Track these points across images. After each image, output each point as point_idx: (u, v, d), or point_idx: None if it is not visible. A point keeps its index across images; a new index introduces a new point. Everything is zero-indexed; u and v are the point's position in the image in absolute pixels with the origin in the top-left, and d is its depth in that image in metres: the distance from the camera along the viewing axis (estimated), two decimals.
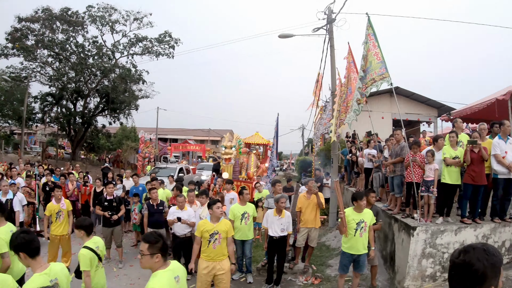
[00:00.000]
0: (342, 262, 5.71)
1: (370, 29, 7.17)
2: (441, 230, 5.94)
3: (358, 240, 5.48)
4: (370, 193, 6.34)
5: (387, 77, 6.74)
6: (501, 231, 6.41)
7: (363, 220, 5.49)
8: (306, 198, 7.18)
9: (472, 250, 1.32)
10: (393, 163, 7.14)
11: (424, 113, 21.02)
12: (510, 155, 6.30)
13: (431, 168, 6.33)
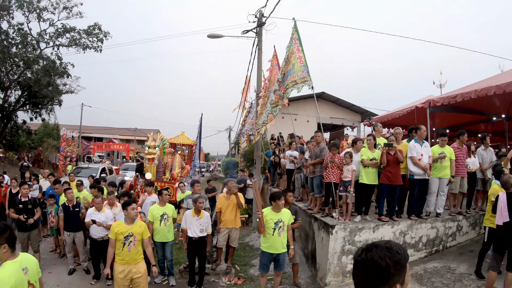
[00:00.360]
0: (262, 262, 5.75)
1: (296, 33, 7.33)
2: (359, 227, 6.19)
3: (276, 240, 5.53)
4: (287, 192, 6.45)
5: (309, 80, 6.91)
6: (417, 227, 6.84)
7: (281, 219, 5.55)
8: (226, 199, 7.21)
9: (374, 248, 1.32)
10: (313, 164, 7.39)
11: (348, 118, 22.07)
12: (425, 158, 6.76)
13: (349, 169, 6.62)
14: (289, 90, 7.21)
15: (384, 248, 1.30)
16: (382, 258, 1.27)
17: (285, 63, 7.50)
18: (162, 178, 12.71)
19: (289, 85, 7.19)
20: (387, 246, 1.32)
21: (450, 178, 7.01)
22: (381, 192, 6.67)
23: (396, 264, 1.27)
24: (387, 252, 1.29)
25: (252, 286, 6.69)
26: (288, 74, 7.29)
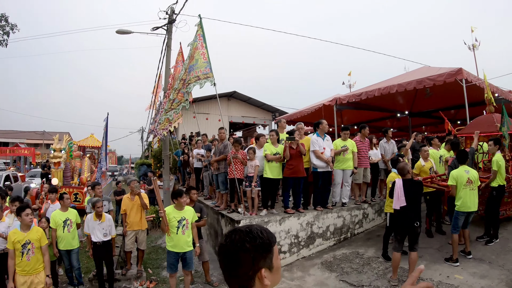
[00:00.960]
0: (169, 262, 5.76)
1: (200, 29, 7.53)
2: (265, 221, 6.41)
3: (181, 238, 5.59)
4: (191, 190, 6.53)
5: (211, 77, 7.10)
6: (324, 217, 7.24)
7: (184, 217, 5.62)
8: (130, 200, 7.11)
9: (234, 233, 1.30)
10: (217, 161, 7.55)
11: (259, 117, 22.75)
12: (327, 151, 7.17)
13: (252, 165, 6.86)
14: (191, 85, 7.28)
15: (244, 233, 1.28)
16: (241, 243, 1.25)
17: (188, 59, 7.62)
18: (70, 183, 12.16)
19: (192, 80, 7.27)
20: (247, 230, 1.30)
21: (353, 169, 7.50)
22: (285, 185, 6.96)
23: (257, 248, 1.25)
24: (247, 237, 1.26)
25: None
26: (191, 69, 7.37)
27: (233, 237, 1.27)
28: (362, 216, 8.03)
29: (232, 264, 1.25)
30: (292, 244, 6.75)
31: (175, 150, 13.34)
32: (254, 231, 1.28)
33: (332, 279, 5.83)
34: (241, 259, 1.23)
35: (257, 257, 1.24)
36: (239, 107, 22.14)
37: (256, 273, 1.24)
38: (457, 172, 5.99)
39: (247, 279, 1.24)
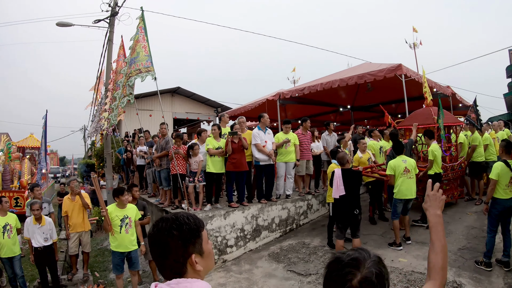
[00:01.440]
0: (114, 262, 5.71)
1: (142, 22, 7.52)
2: (210, 216, 6.51)
3: (125, 237, 5.56)
4: (132, 187, 6.52)
5: (152, 71, 7.08)
6: (268, 210, 7.46)
7: (127, 215, 5.60)
8: (71, 200, 6.96)
9: (161, 222, 1.33)
10: (159, 157, 7.56)
11: (204, 113, 22.70)
12: (269, 144, 7.38)
13: (196, 161, 6.94)
14: (132, 78, 7.22)
15: (170, 220, 1.32)
16: (168, 230, 1.28)
17: (130, 52, 7.58)
18: (9, 187, 11.69)
19: (133, 73, 7.21)
20: (173, 217, 1.33)
21: (296, 161, 7.77)
22: (228, 179, 7.12)
23: (185, 234, 1.28)
24: (173, 224, 1.30)
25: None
26: (132, 62, 7.33)
27: (160, 226, 1.30)
28: (307, 207, 8.34)
29: (162, 252, 1.27)
30: (238, 238, 6.89)
31: (118, 148, 13.11)
32: (180, 218, 1.32)
33: (280, 269, 5.99)
34: (170, 247, 1.26)
35: (186, 243, 1.27)
36: (183, 103, 22.01)
37: (187, 259, 1.28)
38: (394, 162, 6.40)
39: (179, 266, 1.28)
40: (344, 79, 9.82)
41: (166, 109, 19.75)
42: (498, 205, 5.10)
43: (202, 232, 1.34)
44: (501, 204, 5.08)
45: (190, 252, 1.28)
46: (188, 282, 1.25)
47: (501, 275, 4.95)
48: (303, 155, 8.11)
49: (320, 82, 10.23)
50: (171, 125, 19.77)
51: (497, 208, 5.12)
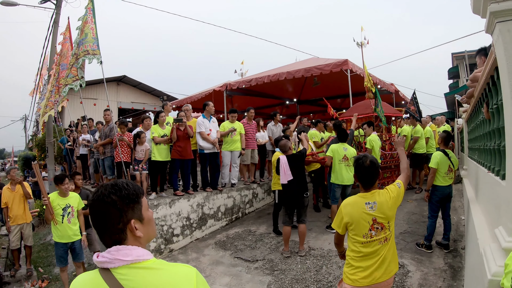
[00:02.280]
0: (58, 254, 5.59)
1: (91, 3, 7.42)
2: (155, 204, 6.59)
3: (67, 227, 5.49)
4: (75, 175, 6.44)
5: (98, 54, 7.03)
6: (214, 198, 7.67)
7: (69, 204, 5.55)
8: (11, 190, 6.75)
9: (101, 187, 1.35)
10: (103, 145, 7.55)
11: (150, 103, 22.70)
12: (214, 133, 7.59)
13: (143, 149, 7.02)
14: (80, 60, 7.12)
15: (109, 186, 1.34)
16: (107, 195, 1.30)
17: (79, 32, 7.45)
18: None
19: (81, 55, 7.12)
20: (112, 183, 1.36)
21: (241, 150, 8.07)
22: (173, 167, 7.24)
23: (123, 199, 1.31)
24: (112, 189, 1.32)
25: (58, 286, 6.45)
26: (81, 43, 7.23)
27: (99, 192, 1.32)
28: (252, 196, 8.67)
29: (101, 218, 1.29)
30: (185, 227, 7.02)
31: (60, 138, 12.73)
32: (119, 184, 1.35)
33: (227, 257, 6.19)
34: (109, 212, 1.28)
35: (125, 208, 1.30)
36: (129, 92, 21.80)
37: (126, 225, 1.30)
38: (336, 146, 6.80)
39: (118, 232, 1.29)
40: (291, 72, 10.14)
41: (111, 98, 19.43)
42: (438, 192, 5.57)
43: (141, 199, 1.38)
44: (441, 191, 5.56)
45: (129, 217, 1.31)
46: (128, 249, 1.27)
47: (441, 256, 5.41)
48: (248, 144, 8.40)
49: (267, 74, 10.52)
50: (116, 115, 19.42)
51: (437, 194, 5.59)
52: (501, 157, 2.99)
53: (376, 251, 2.88)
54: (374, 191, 2.95)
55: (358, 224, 2.91)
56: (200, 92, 12.05)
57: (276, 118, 9.42)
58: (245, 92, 12.22)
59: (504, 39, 2.18)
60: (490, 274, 2.10)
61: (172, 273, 1.28)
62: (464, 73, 22.31)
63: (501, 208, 2.55)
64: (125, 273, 1.23)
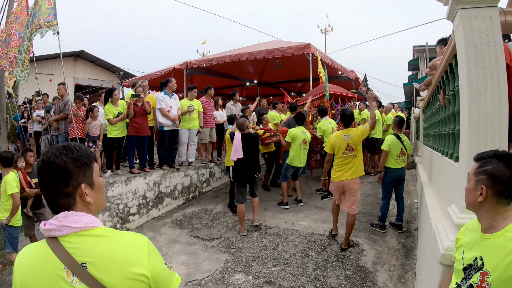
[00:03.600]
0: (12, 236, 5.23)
1: None
2: (110, 182, 6.41)
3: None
4: (27, 152, 6.11)
5: (55, 25, 6.56)
6: (171, 176, 7.59)
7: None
8: None
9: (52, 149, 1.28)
10: (57, 120, 7.24)
11: (108, 79, 22.15)
12: (174, 109, 7.47)
13: (97, 124, 6.80)
14: (32, 36, 6.71)
15: (60, 147, 1.28)
16: (57, 156, 1.24)
17: (34, 4, 6.95)
18: None
19: (33, 29, 6.68)
20: (64, 145, 1.30)
21: (199, 128, 8.02)
22: (130, 144, 7.08)
23: (74, 161, 1.25)
24: (63, 150, 1.26)
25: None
26: (34, 16, 6.75)
27: (50, 152, 1.26)
28: (209, 175, 8.67)
29: (50, 181, 1.23)
30: (141, 205, 6.91)
31: (14, 114, 12.10)
32: (71, 145, 1.30)
33: (184, 235, 6.20)
34: (59, 173, 1.23)
35: (75, 170, 1.25)
36: (86, 68, 21.00)
37: (76, 188, 1.25)
38: (295, 131, 6.97)
39: (67, 196, 1.25)
40: (253, 53, 10.14)
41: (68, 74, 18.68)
42: (390, 174, 5.81)
43: (93, 163, 1.33)
44: (393, 173, 5.79)
45: (80, 181, 1.26)
46: (76, 215, 1.23)
47: (394, 236, 5.68)
48: (206, 122, 8.35)
49: (229, 54, 10.48)
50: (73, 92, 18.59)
51: (389, 176, 5.83)
52: (455, 141, 3.17)
53: (348, 162, 5.17)
54: (350, 129, 5.23)
55: (340, 147, 5.17)
56: (160, 70, 11.79)
57: (235, 97, 9.42)
58: (205, 72, 12.11)
59: (464, 25, 2.30)
60: (443, 249, 2.24)
61: (122, 241, 1.25)
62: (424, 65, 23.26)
63: (453, 188, 2.72)
64: (73, 241, 1.20)
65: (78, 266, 1.17)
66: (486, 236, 1.59)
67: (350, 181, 5.12)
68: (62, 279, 1.17)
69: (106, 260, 1.19)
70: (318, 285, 4.30)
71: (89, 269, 1.17)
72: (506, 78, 2.19)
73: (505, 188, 1.56)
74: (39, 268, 1.20)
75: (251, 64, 12.07)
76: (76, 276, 1.17)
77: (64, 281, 1.17)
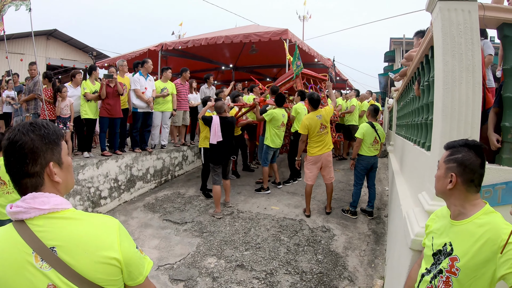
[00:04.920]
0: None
1: None
2: (82, 165, 6.25)
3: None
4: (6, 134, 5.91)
5: (28, 0, 6.27)
6: (143, 159, 7.51)
7: None
8: None
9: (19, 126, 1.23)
10: (26, 101, 6.99)
11: (80, 60, 21.43)
12: (149, 91, 7.36)
13: (67, 105, 6.59)
14: (6, 7, 6.38)
15: (27, 124, 1.23)
16: (24, 134, 1.19)
17: None
18: None
19: (7, 1, 6.38)
20: (31, 122, 1.24)
21: (172, 111, 7.93)
22: (101, 125, 6.93)
23: (42, 139, 1.21)
24: (30, 127, 1.21)
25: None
26: None
27: (16, 130, 1.21)
28: (182, 159, 8.62)
29: (17, 160, 1.18)
30: (112, 189, 6.81)
31: None
32: (38, 122, 1.25)
33: (156, 219, 6.16)
34: (26, 151, 1.18)
35: (43, 148, 1.21)
36: (59, 48, 20.17)
37: (44, 167, 1.21)
38: (276, 112, 7.03)
39: (35, 176, 1.21)
40: (229, 36, 10.03)
41: (40, 53, 17.83)
42: (363, 161, 5.93)
43: (61, 141, 1.29)
44: (366, 160, 5.91)
45: (48, 159, 1.22)
46: (45, 196, 1.20)
47: (365, 222, 5.83)
48: (180, 105, 8.28)
49: (205, 37, 10.33)
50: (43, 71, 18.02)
51: (362, 164, 5.94)
52: (427, 131, 3.26)
53: (324, 139, 5.88)
54: (319, 110, 5.88)
55: (315, 127, 5.79)
56: (134, 51, 11.48)
57: (209, 80, 9.35)
58: (181, 54, 11.90)
59: (443, 17, 2.35)
60: (413, 234, 2.33)
61: (93, 223, 1.23)
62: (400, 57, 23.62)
63: (425, 176, 2.81)
64: (42, 224, 1.17)
65: (47, 250, 1.14)
66: (455, 222, 1.66)
67: (327, 153, 5.97)
68: (31, 265, 1.13)
69: (76, 243, 1.16)
70: (289, 269, 4.39)
71: (58, 253, 1.15)
72: (481, 72, 2.27)
73: (475, 176, 1.62)
74: (6, 254, 1.15)
75: (227, 48, 11.95)
76: (45, 261, 1.14)
77: (32, 267, 1.13)
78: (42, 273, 1.13)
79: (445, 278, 1.59)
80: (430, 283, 1.68)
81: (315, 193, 6.96)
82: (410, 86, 5.16)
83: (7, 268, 1.13)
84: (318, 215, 6.02)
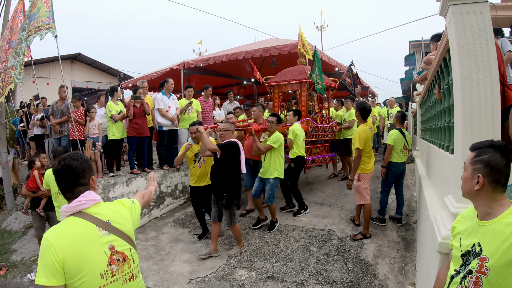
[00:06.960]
0: None
1: None
2: (112, 183, 6.48)
3: None
4: (40, 154, 6.13)
5: (53, 28, 6.66)
6: (171, 176, 7.66)
7: None
8: None
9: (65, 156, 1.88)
10: (59, 123, 7.27)
11: (105, 81, 22.02)
12: (173, 109, 7.53)
13: (95, 125, 6.83)
14: (31, 37, 6.76)
15: (75, 153, 1.91)
16: (76, 159, 1.86)
17: (30, 5, 7.02)
18: None
19: (32, 31, 6.74)
20: (73, 152, 1.94)
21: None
22: (130, 145, 7.14)
23: (86, 162, 1.90)
24: (74, 156, 1.88)
25: (17, 272, 6.15)
26: (32, 18, 6.83)
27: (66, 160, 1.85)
28: None
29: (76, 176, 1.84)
30: None
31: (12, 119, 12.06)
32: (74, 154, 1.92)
33: (186, 234, 6.26)
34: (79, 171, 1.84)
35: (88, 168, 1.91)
36: (83, 71, 21.04)
37: (89, 179, 1.91)
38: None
39: (87, 183, 1.90)
40: (249, 51, 10.15)
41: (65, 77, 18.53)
42: (394, 168, 5.84)
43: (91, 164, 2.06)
44: (396, 167, 5.83)
45: (90, 174, 1.92)
46: (93, 193, 1.90)
47: (394, 229, 5.74)
48: (204, 122, 8.24)
49: (226, 53, 10.50)
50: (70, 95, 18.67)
51: (392, 171, 5.85)
52: (450, 134, 3.24)
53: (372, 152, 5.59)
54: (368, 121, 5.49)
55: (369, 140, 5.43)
56: (157, 71, 11.81)
57: (230, 97, 9.48)
58: (203, 71, 12.12)
59: (456, 20, 2.37)
60: (440, 237, 2.31)
61: (116, 205, 2.02)
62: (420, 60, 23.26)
63: (449, 179, 2.79)
64: (95, 210, 1.85)
65: (105, 223, 1.84)
66: (483, 223, 1.66)
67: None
68: (96, 234, 1.79)
69: (118, 216, 1.94)
70: (320, 278, 4.37)
71: (112, 223, 1.88)
72: (498, 72, 2.26)
73: (501, 176, 1.64)
74: (77, 233, 1.75)
75: (248, 62, 12.10)
76: (105, 230, 1.83)
77: (98, 235, 1.79)
78: (105, 238, 1.81)
79: (475, 278, 1.59)
80: (460, 284, 1.68)
81: (343, 202, 6.96)
82: (431, 90, 5.09)
83: (82, 240, 1.75)
84: (347, 224, 5.96)
